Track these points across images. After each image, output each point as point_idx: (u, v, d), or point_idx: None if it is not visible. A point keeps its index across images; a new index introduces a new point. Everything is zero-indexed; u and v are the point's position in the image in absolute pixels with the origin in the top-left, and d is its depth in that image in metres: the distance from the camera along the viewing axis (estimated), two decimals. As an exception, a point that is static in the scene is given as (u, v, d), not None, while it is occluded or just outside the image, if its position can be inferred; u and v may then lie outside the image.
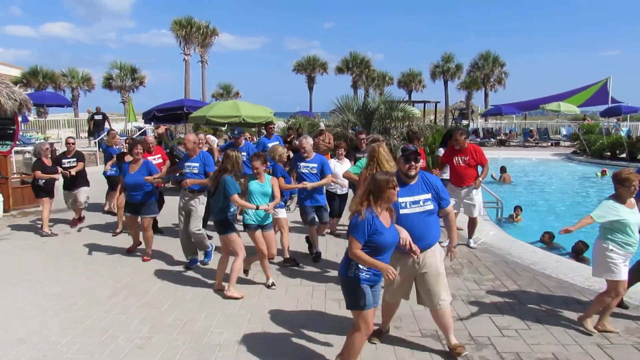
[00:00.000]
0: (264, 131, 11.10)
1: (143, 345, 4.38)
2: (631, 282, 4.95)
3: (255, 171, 5.77)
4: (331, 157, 8.32)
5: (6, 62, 34.84)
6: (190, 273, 6.34)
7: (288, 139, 12.23)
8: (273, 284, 5.75)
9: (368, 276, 3.58)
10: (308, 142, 6.98)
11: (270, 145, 8.50)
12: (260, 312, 5.09)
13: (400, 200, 3.93)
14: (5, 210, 9.75)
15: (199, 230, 6.42)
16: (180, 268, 6.51)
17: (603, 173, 16.29)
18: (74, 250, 7.38)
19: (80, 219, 8.94)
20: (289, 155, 7.82)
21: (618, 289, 4.54)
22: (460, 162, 7.23)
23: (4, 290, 5.75)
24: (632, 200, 4.60)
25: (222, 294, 5.53)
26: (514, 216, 10.37)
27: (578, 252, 7.66)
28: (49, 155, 8.73)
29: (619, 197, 4.53)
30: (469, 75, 39.94)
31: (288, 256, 6.60)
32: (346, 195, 7.91)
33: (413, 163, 4.03)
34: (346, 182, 7.44)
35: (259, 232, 5.73)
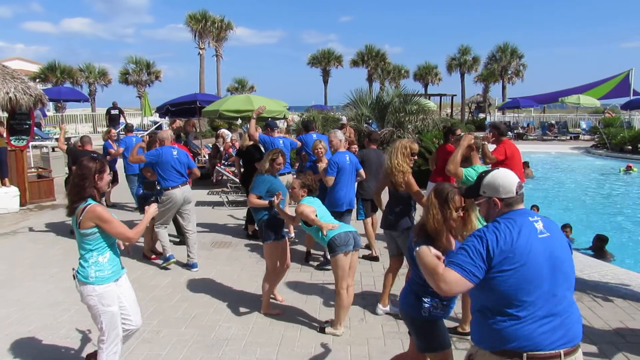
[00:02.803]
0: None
1: (151, 338, 4.39)
2: None
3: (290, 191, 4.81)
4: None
5: (25, 57, 35.43)
6: (200, 268, 6.33)
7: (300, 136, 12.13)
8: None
9: (444, 313, 3.03)
10: (337, 136, 6.44)
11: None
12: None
13: None
14: (21, 204, 9.92)
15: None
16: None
17: (628, 168, 15.89)
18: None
19: None
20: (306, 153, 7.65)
21: None
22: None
23: (18, 284, 5.83)
24: None
25: (232, 289, 5.52)
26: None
27: (597, 249, 7.50)
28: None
29: None
30: (486, 67, 39.35)
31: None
32: None
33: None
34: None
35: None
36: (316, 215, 4.39)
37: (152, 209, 3.67)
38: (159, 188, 6.00)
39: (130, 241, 3.51)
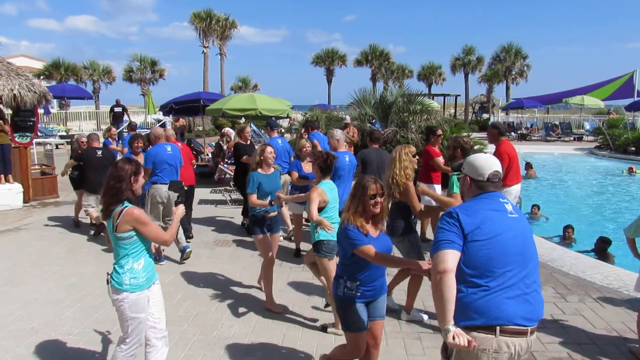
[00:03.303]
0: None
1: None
2: None
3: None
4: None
5: (29, 54, 35.51)
6: (202, 267, 6.36)
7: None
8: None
9: (360, 293, 3.23)
10: (334, 136, 6.50)
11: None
12: (271, 305, 5.07)
13: None
14: (25, 201, 9.95)
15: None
16: (192, 261, 6.52)
17: (630, 170, 15.84)
18: (90, 242, 7.47)
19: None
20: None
21: None
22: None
23: (21, 280, 5.85)
24: None
25: (234, 287, 5.53)
26: (533, 213, 10.16)
27: (599, 251, 7.49)
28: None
29: None
30: (490, 67, 39.25)
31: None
32: None
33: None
34: None
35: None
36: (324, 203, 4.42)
37: (180, 210, 3.57)
38: (185, 190, 6.04)
39: (166, 244, 3.42)
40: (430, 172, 7.21)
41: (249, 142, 8.23)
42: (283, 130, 22.13)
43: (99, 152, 7.97)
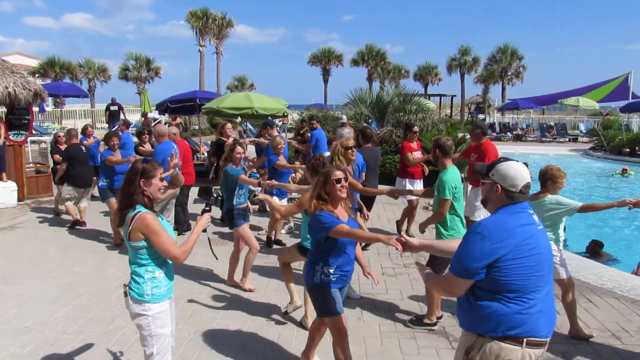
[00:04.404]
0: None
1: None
2: None
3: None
4: None
5: (24, 52, 35.34)
6: (197, 265, 6.35)
7: (301, 132, 12.17)
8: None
9: (335, 278, 3.36)
10: (337, 135, 6.77)
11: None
12: (266, 304, 5.08)
13: None
14: (19, 199, 9.91)
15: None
16: (187, 260, 6.47)
17: (624, 171, 15.91)
18: (85, 240, 7.45)
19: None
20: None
21: None
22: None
23: (16, 279, 5.83)
24: None
25: (230, 286, 5.53)
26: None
27: (592, 253, 7.52)
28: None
29: None
30: (486, 68, 39.38)
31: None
32: None
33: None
34: None
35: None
36: None
37: (204, 220, 3.23)
38: (215, 196, 6.08)
39: (177, 261, 3.01)
40: (407, 167, 7.51)
41: (230, 138, 8.28)
42: (279, 130, 22.08)
43: (83, 148, 8.46)
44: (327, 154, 6.52)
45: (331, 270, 3.34)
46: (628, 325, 4.60)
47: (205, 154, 14.08)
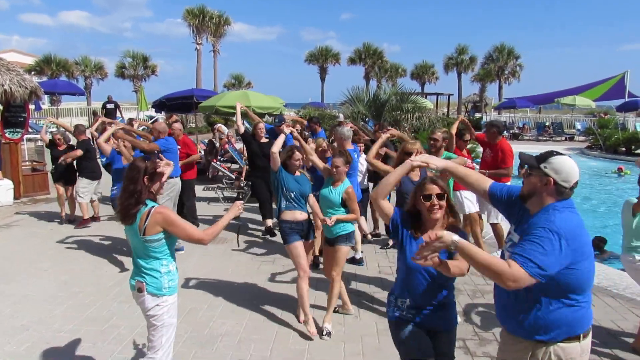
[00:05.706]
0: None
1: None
2: None
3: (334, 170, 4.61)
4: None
5: (20, 50, 35.19)
6: (195, 263, 6.34)
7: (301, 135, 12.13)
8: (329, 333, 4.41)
9: (409, 316, 2.86)
10: (337, 133, 6.29)
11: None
12: (264, 303, 5.07)
13: None
14: (15, 197, 9.88)
15: None
16: (184, 258, 6.50)
17: (619, 170, 15.94)
18: (82, 239, 7.43)
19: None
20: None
21: None
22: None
23: (12, 278, 5.81)
24: None
25: (227, 284, 5.53)
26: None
27: (595, 249, 7.54)
28: None
29: None
30: (483, 67, 39.47)
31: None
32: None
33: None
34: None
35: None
36: None
37: (236, 208, 3.22)
38: (244, 188, 6.00)
39: (203, 242, 3.04)
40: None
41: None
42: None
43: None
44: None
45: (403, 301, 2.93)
46: (623, 323, 4.62)
47: (202, 153, 14.05)
